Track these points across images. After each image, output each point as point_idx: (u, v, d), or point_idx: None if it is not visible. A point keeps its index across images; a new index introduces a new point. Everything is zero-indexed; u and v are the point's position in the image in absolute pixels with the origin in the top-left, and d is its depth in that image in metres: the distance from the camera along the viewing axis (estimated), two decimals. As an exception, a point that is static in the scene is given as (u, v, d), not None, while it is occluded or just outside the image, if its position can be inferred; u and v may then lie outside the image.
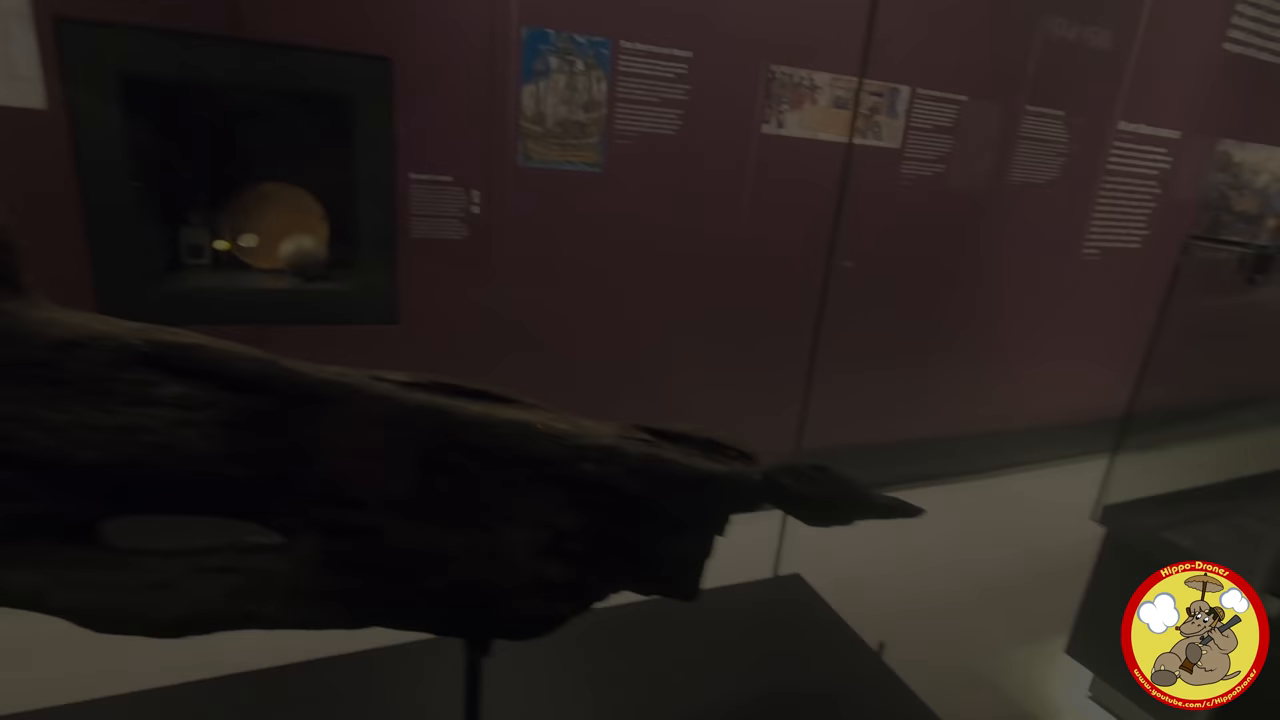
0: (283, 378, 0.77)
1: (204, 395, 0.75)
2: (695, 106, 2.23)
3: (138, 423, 0.73)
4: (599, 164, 2.19)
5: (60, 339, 0.70)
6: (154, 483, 0.76)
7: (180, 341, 0.74)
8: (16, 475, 0.71)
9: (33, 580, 0.73)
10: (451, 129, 2.01)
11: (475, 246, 2.12)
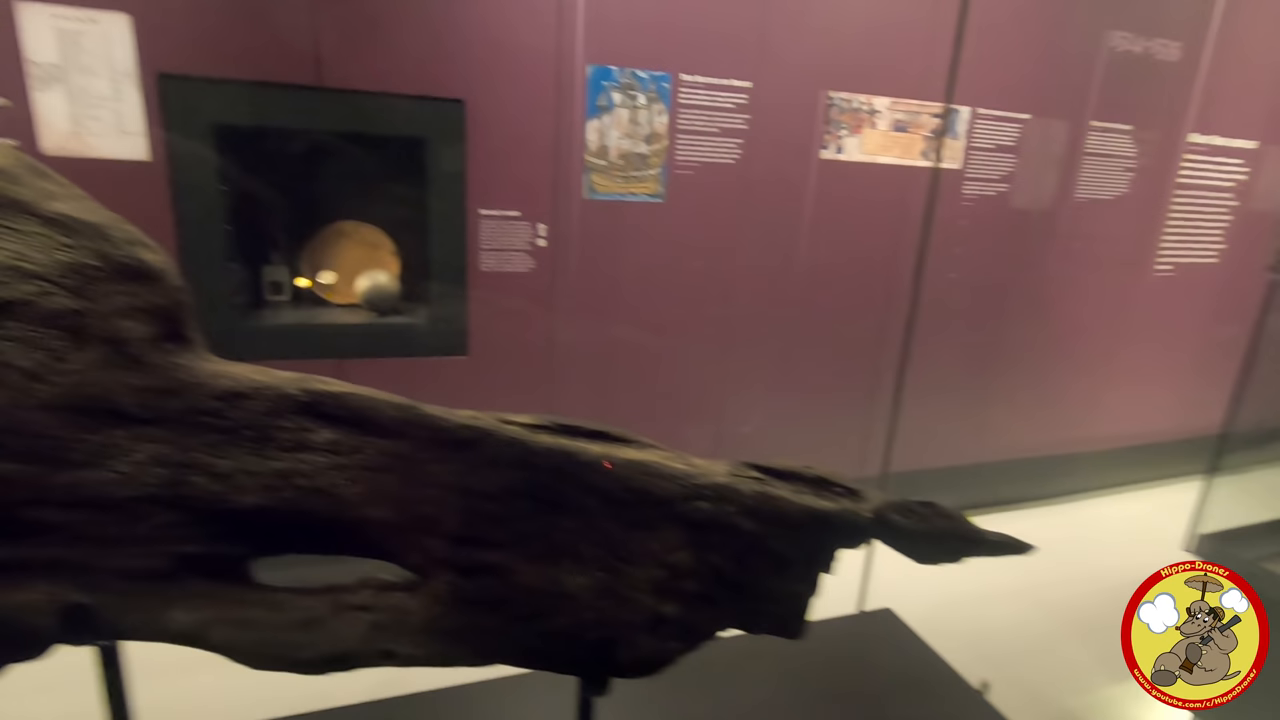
0: (422, 423, 0.82)
1: (351, 441, 0.80)
2: (754, 135, 2.27)
3: (293, 467, 0.78)
4: (660, 194, 2.24)
5: (227, 390, 0.76)
6: (305, 524, 0.81)
7: (332, 390, 0.79)
8: (184, 518, 0.76)
9: (195, 618, 0.78)
10: (519, 165, 2.09)
11: (541, 278, 2.18)
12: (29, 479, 0.70)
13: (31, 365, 0.69)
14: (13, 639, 0.73)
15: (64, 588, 0.73)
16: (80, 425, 0.71)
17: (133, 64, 1.77)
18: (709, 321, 2.40)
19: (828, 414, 2.63)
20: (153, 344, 0.74)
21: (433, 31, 1.93)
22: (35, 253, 0.69)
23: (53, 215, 0.70)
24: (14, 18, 1.68)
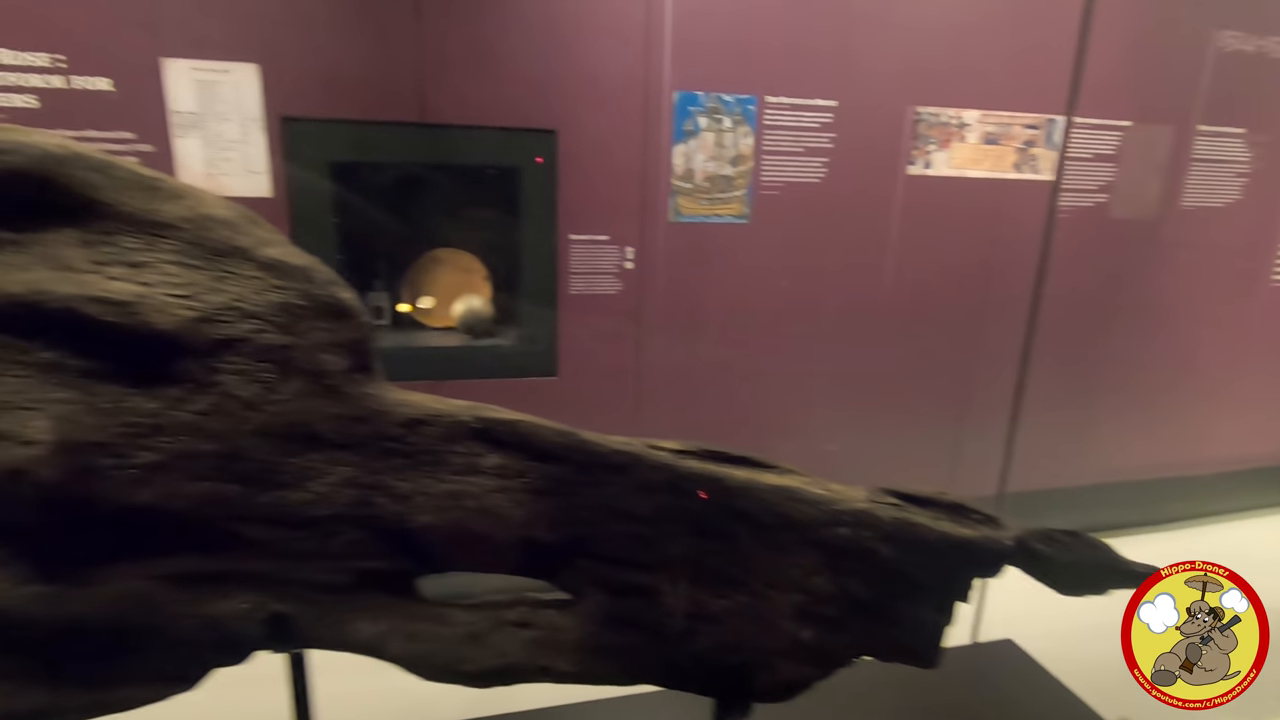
0: (580, 448, 0.86)
1: (516, 465, 0.85)
2: (840, 153, 2.29)
3: (463, 489, 0.84)
4: (746, 215, 2.28)
5: (409, 417, 0.83)
6: (470, 543, 0.86)
7: (502, 417, 0.85)
8: (367, 536, 0.83)
9: (375, 630, 0.84)
10: (607, 191, 2.17)
11: (628, 300, 2.24)
12: (242, 498, 0.78)
13: (248, 395, 0.77)
14: (221, 644, 0.81)
15: (266, 598, 0.81)
16: (285, 450, 0.79)
17: (259, 109, 1.93)
18: (795, 340, 2.40)
19: (915, 434, 2.58)
20: (347, 375, 0.81)
21: (527, 67, 2.04)
22: (252, 294, 0.78)
23: (267, 260, 0.79)
24: (160, 72, 1.87)
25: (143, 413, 0.75)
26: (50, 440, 0.70)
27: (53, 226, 0.73)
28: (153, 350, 0.74)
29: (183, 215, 0.76)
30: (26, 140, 0.71)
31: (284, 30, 1.89)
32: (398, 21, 1.95)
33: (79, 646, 0.77)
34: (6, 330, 0.72)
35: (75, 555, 0.75)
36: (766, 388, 2.41)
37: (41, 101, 1.82)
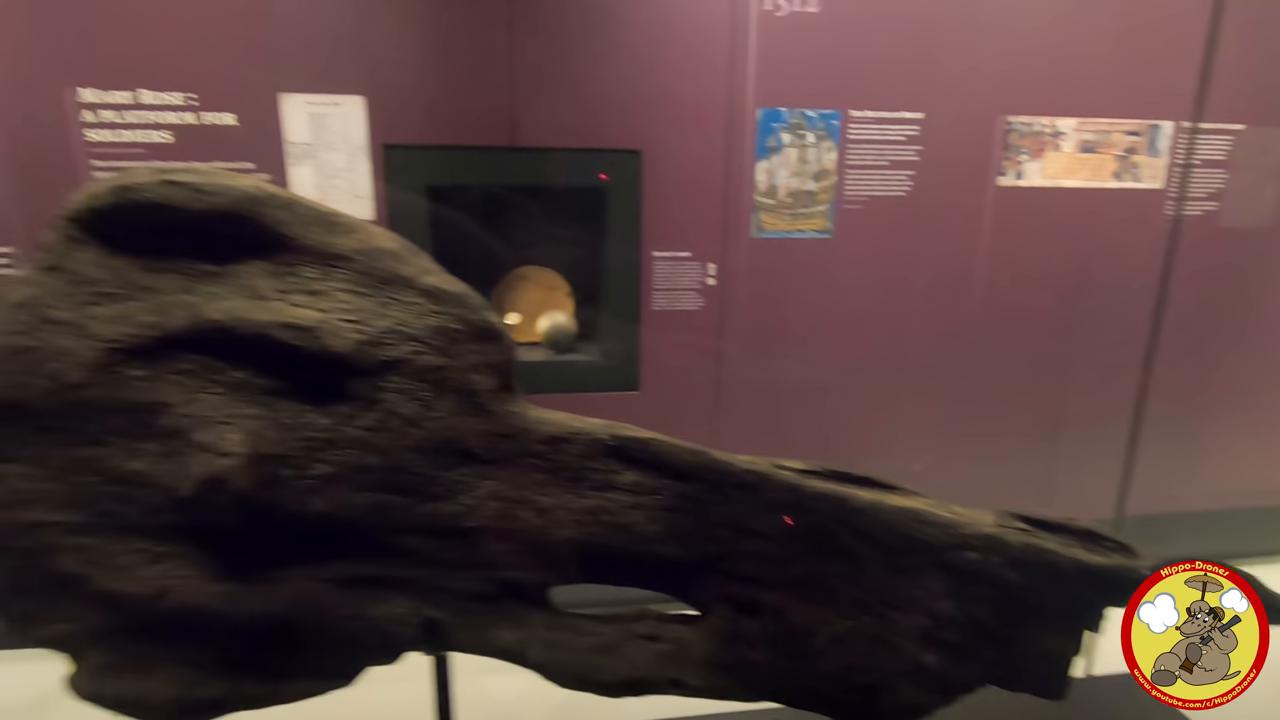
0: (711, 467, 0.89)
1: (651, 482, 0.89)
2: (926, 166, 2.26)
3: (601, 505, 0.88)
4: (829, 230, 2.27)
5: (551, 435, 0.88)
6: (605, 557, 0.90)
7: (639, 436, 0.89)
8: (510, 547, 0.88)
9: (516, 637, 0.89)
10: (690, 208, 2.21)
11: (710, 316, 2.27)
12: (402, 508, 0.85)
13: (409, 413, 0.84)
14: (378, 644, 0.87)
15: (418, 603, 0.87)
16: (439, 464, 0.86)
17: (364, 138, 2.07)
18: (879, 357, 2.37)
19: (1005, 454, 2.49)
20: (494, 394, 0.87)
21: (613, 90, 2.11)
22: (413, 318, 0.84)
23: (426, 287, 0.86)
24: (278, 106, 2.02)
25: (318, 428, 0.82)
26: (243, 452, 0.78)
27: (245, 258, 0.82)
28: (327, 371, 0.82)
29: (355, 247, 0.84)
30: (231, 182, 0.80)
31: (388, 63, 2.02)
32: (491, 51, 2.05)
33: (259, 641, 0.84)
34: (206, 352, 0.80)
35: (257, 558, 0.83)
36: (849, 404, 2.39)
37: (175, 136, 2.01)
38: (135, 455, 0.79)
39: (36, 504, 0.78)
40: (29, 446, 0.79)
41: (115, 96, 1.95)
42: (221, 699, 0.83)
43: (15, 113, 1.91)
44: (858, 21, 2.15)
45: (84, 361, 0.78)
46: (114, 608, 0.81)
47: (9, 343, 0.77)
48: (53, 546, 0.79)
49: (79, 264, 0.79)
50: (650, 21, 2.08)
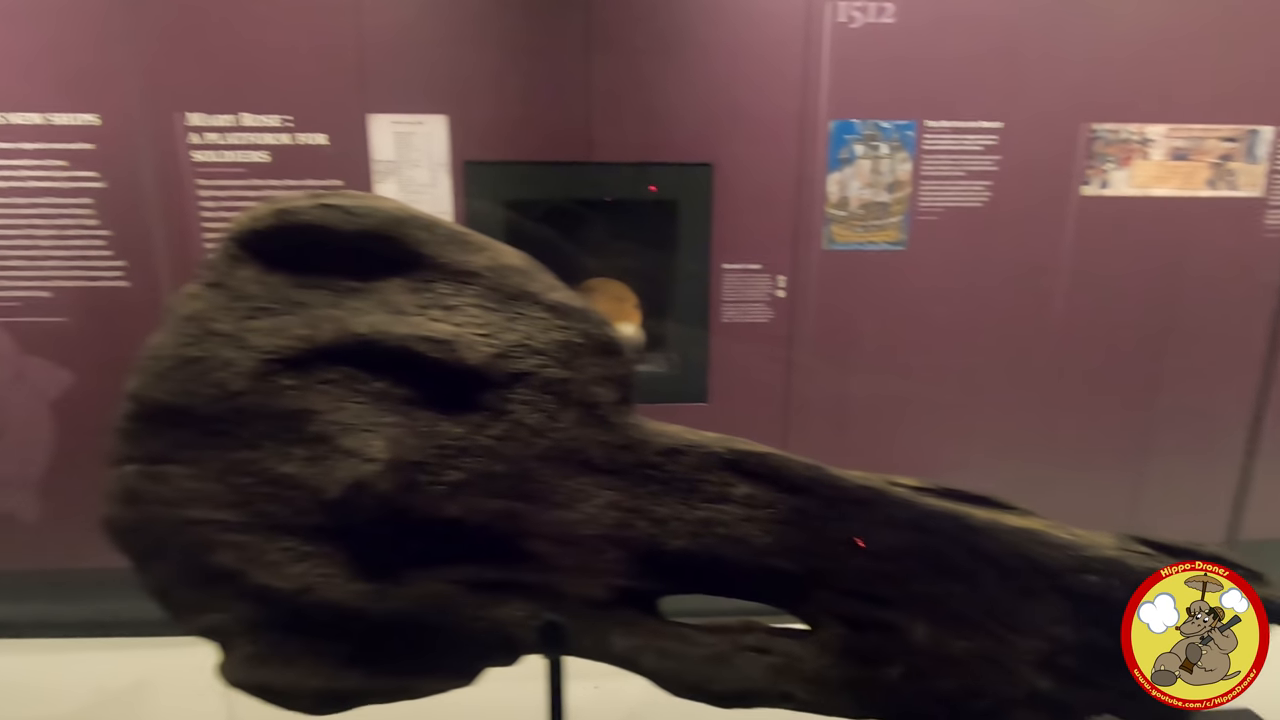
0: (827, 481, 0.90)
1: (765, 496, 0.90)
2: (1005, 176, 2.22)
3: (714, 517, 0.90)
4: (902, 242, 2.25)
5: (667, 446, 0.91)
6: (718, 569, 0.92)
7: (753, 450, 0.91)
8: (626, 555, 0.91)
9: (630, 644, 0.91)
10: (760, 220, 2.23)
11: (779, 328, 2.27)
12: (526, 515, 0.89)
13: (534, 423, 0.88)
14: (500, 645, 0.91)
15: (538, 607, 0.91)
16: (562, 473, 0.89)
17: (446, 155, 2.16)
18: (954, 371, 2.33)
19: (1087, 473, 2.41)
20: (614, 406, 0.91)
21: (686, 105, 2.15)
22: (539, 332, 0.89)
23: (552, 303, 0.90)
24: (365, 126, 2.13)
25: (451, 436, 0.87)
26: (385, 458, 0.83)
27: (386, 275, 0.88)
28: (460, 382, 0.87)
29: (486, 264, 0.89)
30: (377, 204, 0.86)
31: (469, 84, 2.11)
32: (568, 70, 2.12)
33: (390, 638, 0.89)
34: (350, 363, 0.86)
35: (392, 559, 0.88)
36: (923, 420, 2.35)
37: (272, 156, 2.13)
38: (286, 459, 0.86)
39: (199, 503, 0.85)
40: (193, 449, 0.86)
41: (219, 120, 2.09)
42: (356, 692, 0.88)
43: (133, 136, 2.06)
44: (934, 31, 2.14)
45: (243, 371, 0.85)
46: (263, 601, 0.87)
47: (180, 352, 0.85)
48: (212, 543, 0.85)
49: (239, 281, 0.86)
50: (723, 39, 2.12)
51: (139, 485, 0.86)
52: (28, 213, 2.10)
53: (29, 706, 1.97)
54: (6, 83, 2.01)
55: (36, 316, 2.16)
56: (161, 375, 0.85)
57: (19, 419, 2.20)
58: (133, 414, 0.86)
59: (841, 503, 0.91)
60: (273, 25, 2.04)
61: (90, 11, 1.98)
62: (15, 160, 2.07)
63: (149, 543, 0.87)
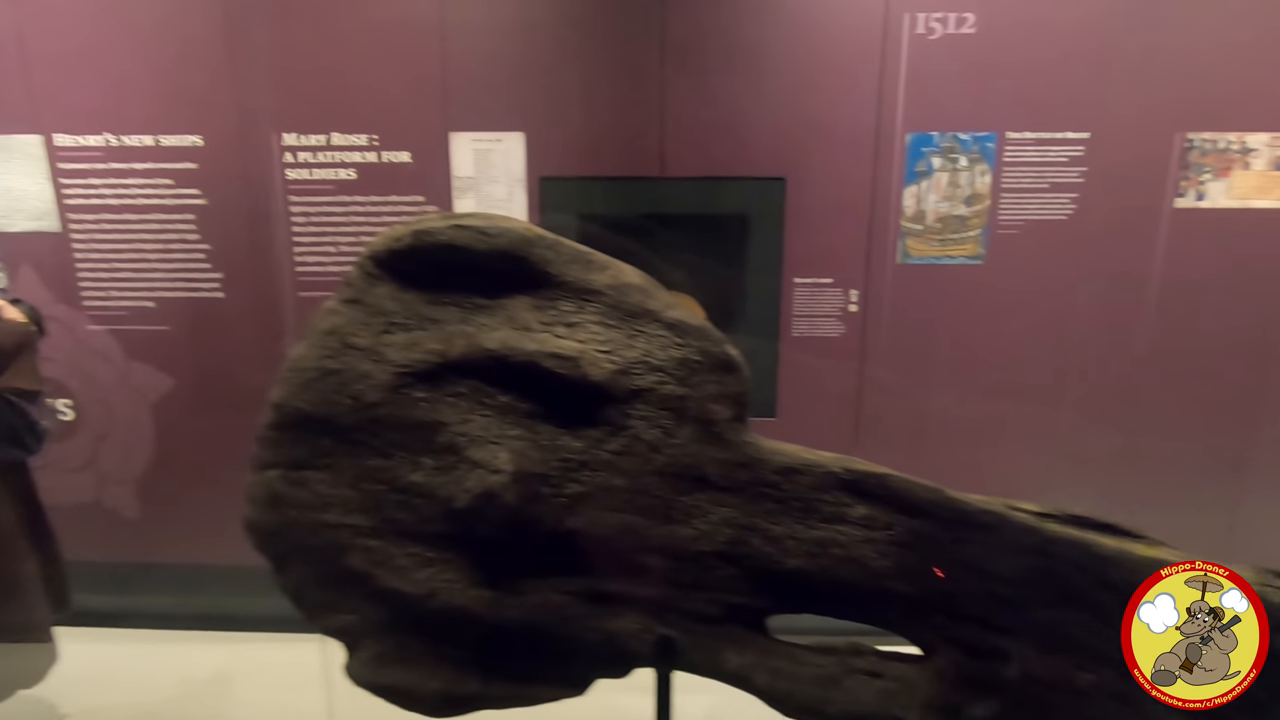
0: (947, 505, 0.89)
1: (884, 517, 0.90)
2: (1092, 188, 2.16)
3: (831, 537, 0.90)
4: (980, 256, 2.21)
5: (784, 465, 0.91)
6: (832, 589, 0.92)
7: (873, 470, 0.90)
8: (738, 573, 0.91)
9: (742, 662, 0.92)
10: (833, 234, 2.21)
11: (851, 343, 2.25)
12: (642, 530, 0.91)
13: (652, 439, 0.90)
14: (614, 657, 0.93)
15: (651, 621, 0.92)
16: (677, 489, 0.91)
17: (523, 171, 2.22)
18: (1033, 389, 2.26)
19: (1175, 497, 2.30)
20: (730, 424, 0.92)
21: (760, 119, 2.16)
22: (657, 349, 0.91)
23: (671, 321, 0.92)
24: (448, 144, 2.21)
25: (572, 450, 0.89)
26: (511, 470, 0.86)
27: (512, 293, 0.91)
28: (582, 397, 0.89)
29: (608, 283, 0.92)
30: (508, 225, 0.90)
31: (546, 101, 2.17)
32: (643, 88, 2.16)
33: (506, 645, 0.92)
34: (478, 377, 0.90)
35: (511, 568, 0.91)
36: (1000, 438, 2.29)
37: (359, 173, 2.24)
38: (416, 468, 0.90)
39: (334, 508, 0.90)
40: (330, 456, 0.91)
41: (311, 140, 2.20)
42: (474, 696, 0.91)
43: (232, 156, 2.19)
44: (1018, 40, 2.10)
45: (379, 383, 0.89)
46: (390, 604, 0.91)
47: (321, 364, 0.90)
48: (345, 546, 0.90)
49: (375, 297, 0.91)
50: (799, 53, 2.13)
51: (281, 490, 0.91)
52: (137, 228, 2.25)
53: (121, 693, 2.09)
54: (122, 107, 2.16)
55: (141, 325, 2.31)
56: (303, 386, 0.91)
57: (123, 420, 2.35)
58: (275, 422, 0.92)
59: (962, 526, 0.89)
60: (362, 50, 2.14)
61: (196, 41, 2.12)
62: (128, 179, 2.23)
63: (288, 545, 0.92)
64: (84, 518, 2.37)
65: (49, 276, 2.28)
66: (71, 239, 2.25)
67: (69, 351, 2.32)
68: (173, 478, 2.37)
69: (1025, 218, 2.19)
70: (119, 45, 2.13)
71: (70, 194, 2.23)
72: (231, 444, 2.33)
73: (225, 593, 2.37)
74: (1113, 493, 2.27)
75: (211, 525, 2.39)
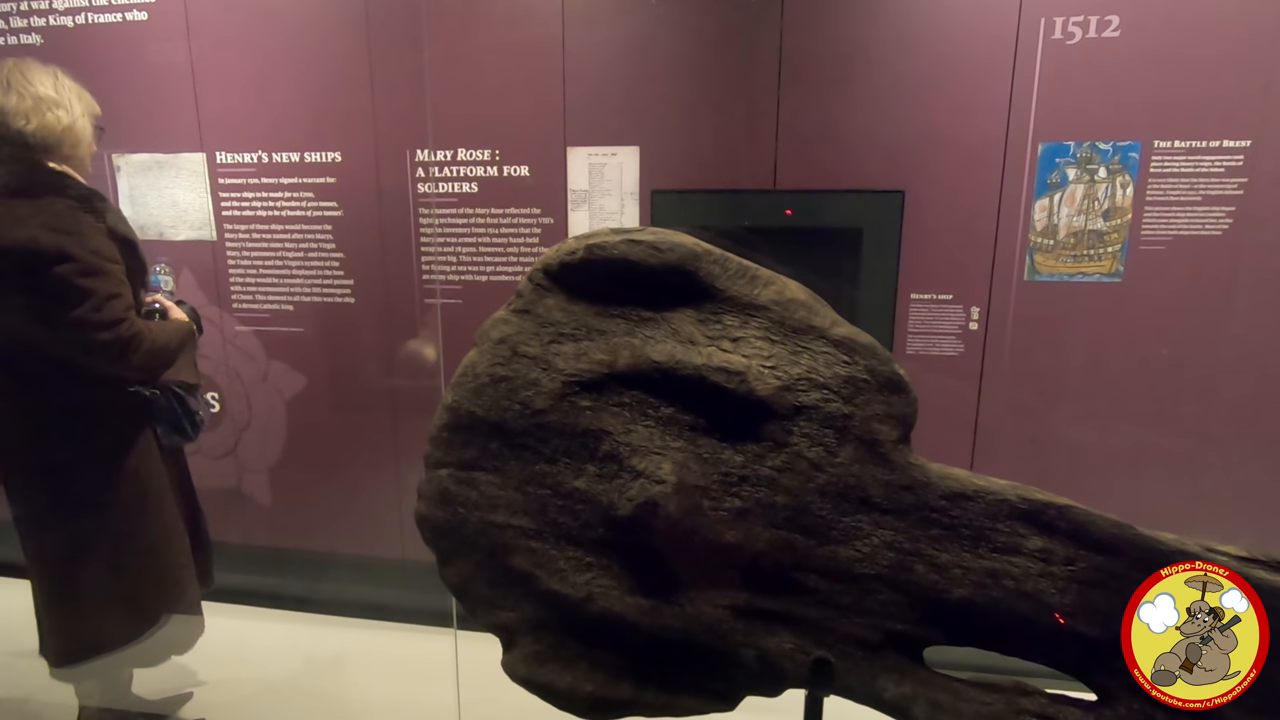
0: (1138, 543, 0.83)
1: (1064, 551, 0.85)
2: (1252, 200, 1.97)
3: (1003, 568, 0.86)
4: (1118, 273, 2.06)
5: (952, 490, 0.88)
6: (1002, 624, 0.87)
7: (1052, 501, 0.86)
8: (900, 599, 0.88)
9: (899, 692, 0.88)
10: (954, 249, 2.13)
11: (971, 362, 2.15)
12: (801, 548, 0.90)
13: (814, 457, 0.89)
14: (767, 675, 0.92)
15: (806, 641, 0.91)
16: (839, 509, 0.89)
17: (635, 185, 2.26)
18: (1176, 418, 2.09)
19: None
20: (896, 445, 0.90)
21: (879, 132, 2.11)
22: (822, 367, 0.90)
23: (837, 338, 0.91)
24: (565, 158, 2.29)
25: (733, 464, 0.90)
26: (674, 481, 0.88)
27: (676, 307, 0.93)
28: (745, 412, 0.90)
29: (772, 298, 0.92)
30: (677, 240, 0.92)
31: (662, 116, 2.21)
32: (759, 100, 2.16)
33: (661, 655, 0.93)
34: (643, 388, 0.92)
35: (670, 579, 0.92)
36: (1136, 471, 2.12)
37: (479, 187, 2.34)
38: (579, 474, 0.93)
39: (501, 509, 0.94)
40: (499, 459, 0.95)
41: (439, 155, 2.33)
42: (626, 702, 0.93)
43: (367, 171, 2.35)
44: (1167, 43, 1.96)
45: (547, 391, 0.93)
46: (549, 605, 0.94)
47: (493, 371, 0.95)
48: (510, 546, 0.94)
49: (545, 309, 0.95)
50: (921, 64, 2.07)
51: (451, 488, 0.96)
52: (281, 238, 2.45)
53: (253, 667, 2.25)
54: (274, 128, 2.37)
55: (280, 326, 2.51)
56: (475, 391, 0.96)
57: (261, 413, 2.56)
58: (448, 424, 0.97)
59: (1155, 566, 0.83)
60: (489, 71, 2.25)
61: (342, 67, 2.30)
62: (275, 193, 2.43)
63: (455, 541, 0.97)
64: (225, 501, 2.59)
65: (204, 280, 2.52)
66: (226, 247, 2.48)
67: (218, 349, 2.55)
68: (302, 469, 2.55)
69: (1172, 233, 2.03)
70: (275, 73, 2.34)
71: (226, 206, 2.46)
72: (355, 441, 2.50)
73: (346, 580, 2.52)
74: (1271, 539, 2.05)
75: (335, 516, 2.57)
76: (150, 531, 1.68)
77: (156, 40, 2.40)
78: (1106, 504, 2.16)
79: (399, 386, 2.46)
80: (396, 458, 2.45)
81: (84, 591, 1.56)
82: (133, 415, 1.65)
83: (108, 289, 1.44)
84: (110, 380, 1.56)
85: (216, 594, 2.05)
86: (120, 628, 1.60)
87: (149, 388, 1.66)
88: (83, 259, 1.41)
